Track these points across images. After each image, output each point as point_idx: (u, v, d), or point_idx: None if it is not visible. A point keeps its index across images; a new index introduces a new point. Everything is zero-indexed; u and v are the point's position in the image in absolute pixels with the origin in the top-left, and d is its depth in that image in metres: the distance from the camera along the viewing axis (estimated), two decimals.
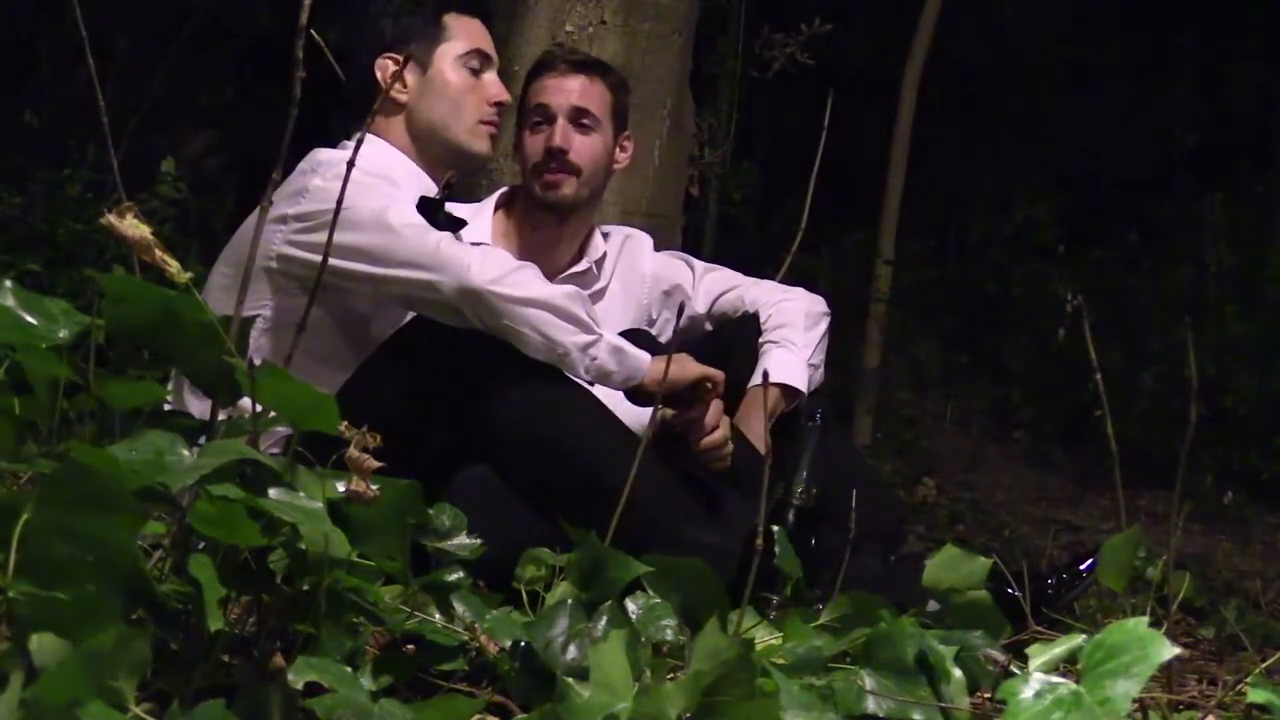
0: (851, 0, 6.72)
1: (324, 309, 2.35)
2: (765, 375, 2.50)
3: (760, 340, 2.76)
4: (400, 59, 2.51)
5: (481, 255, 2.32)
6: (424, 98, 2.55)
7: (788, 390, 2.69)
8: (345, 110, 2.78)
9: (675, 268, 2.93)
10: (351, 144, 2.51)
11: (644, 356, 2.37)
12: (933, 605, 2.04)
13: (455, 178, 2.59)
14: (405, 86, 2.55)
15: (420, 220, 2.38)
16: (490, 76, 2.61)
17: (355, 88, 2.61)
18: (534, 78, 2.82)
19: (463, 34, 2.59)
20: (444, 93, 2.56)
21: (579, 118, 2.75)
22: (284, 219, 2.35)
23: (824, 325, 2.82)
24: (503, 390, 2.28)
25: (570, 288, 2.38)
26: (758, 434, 2.58)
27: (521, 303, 2.27)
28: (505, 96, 2.62)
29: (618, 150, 2.85)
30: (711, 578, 1.78)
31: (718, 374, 2.43)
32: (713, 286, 2.89)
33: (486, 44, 2.63)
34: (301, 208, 2.36)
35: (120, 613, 1.25)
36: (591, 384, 2.36)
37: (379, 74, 2.55)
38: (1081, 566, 2.54)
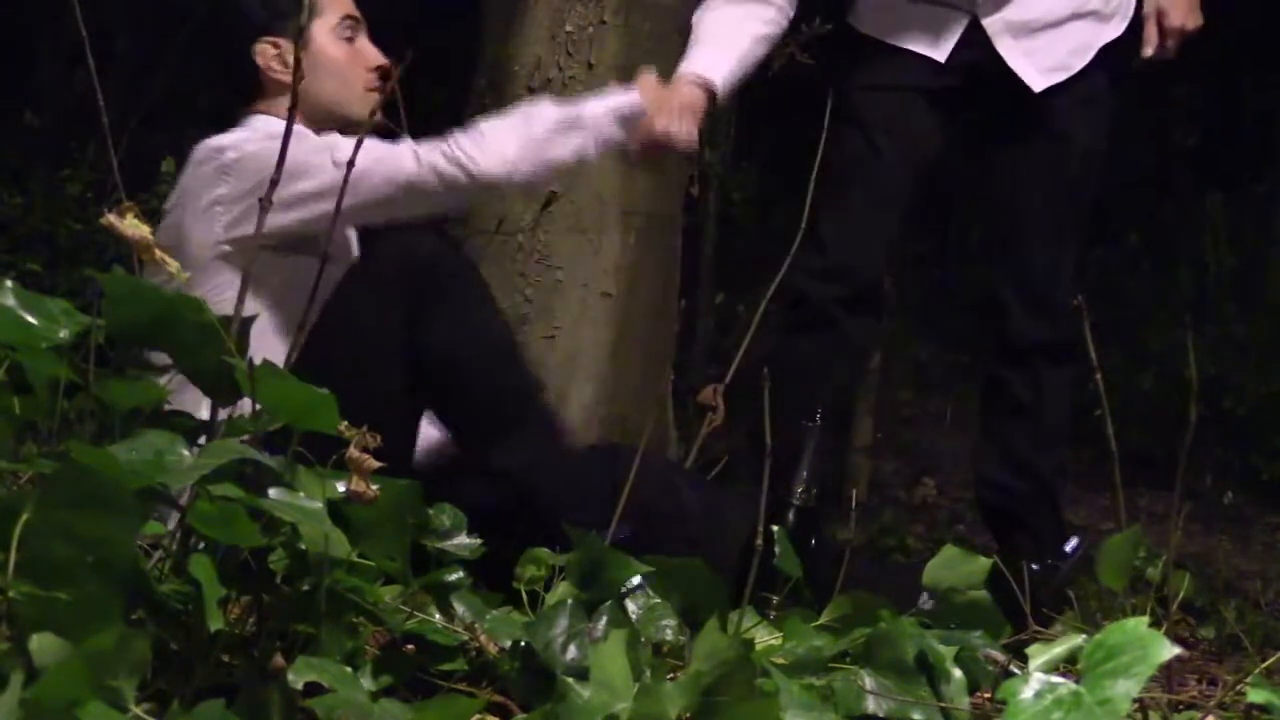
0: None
1: (283, 275, 2.30)
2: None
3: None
4: (277, 43, 2.46)
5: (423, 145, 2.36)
6: (311, 76, 2.45)
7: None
8: (232, 99, 2.66)
9: None
10: (243, 127, 2.48)
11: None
12: (926, 603, 2.03)
13: None
14: (287, 67, 2.46)
15: (349, 143, 2.39)
16: (363, 42, 2.55)
17: (237, 75, 2.53)
18: None
19: (330, 4, 2.53)
20: (329, 69, 2.50)
21: None
22: (215, 204, 2.32)
23: None
24: (435, 320, 2.28)
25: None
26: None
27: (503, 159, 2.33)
28: (384, 60, 2.55)
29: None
30: (711, 578, 1.78)
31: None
32: None
33: (352, 7, 2.57)
34: (232, 186, 2.32)
35: (120, 613, 1.25)
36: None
37: (260, 60, 2.49)
38: (1066, 547, 2.53)
